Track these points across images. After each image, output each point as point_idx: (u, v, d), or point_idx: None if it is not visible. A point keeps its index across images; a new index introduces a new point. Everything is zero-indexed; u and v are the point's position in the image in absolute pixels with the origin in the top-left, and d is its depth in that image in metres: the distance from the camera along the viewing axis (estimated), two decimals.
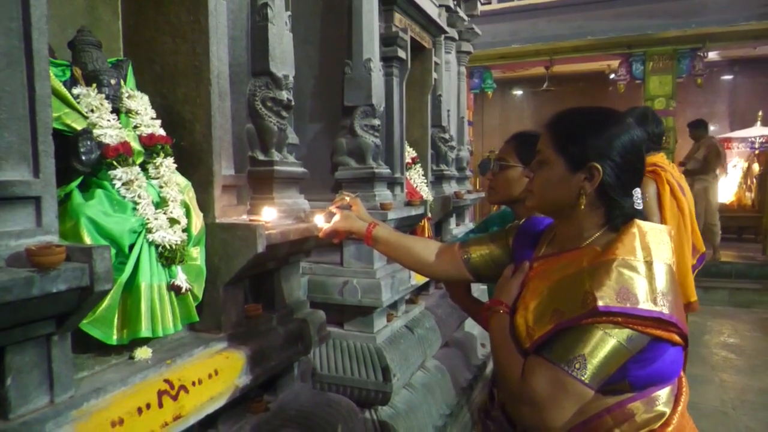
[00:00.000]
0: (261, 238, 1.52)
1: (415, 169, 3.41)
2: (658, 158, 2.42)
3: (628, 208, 1.07)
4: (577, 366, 0.96)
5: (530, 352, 1.04)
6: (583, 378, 0.96)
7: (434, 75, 3.81)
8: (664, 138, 2.52)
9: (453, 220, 4.02)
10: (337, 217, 1.49)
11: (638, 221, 1.05)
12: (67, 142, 1.28)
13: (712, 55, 9.58)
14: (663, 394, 1.03)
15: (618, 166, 1.05)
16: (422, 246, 1.42)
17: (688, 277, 2.38)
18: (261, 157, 1.87)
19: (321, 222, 1.54)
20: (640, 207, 1.09)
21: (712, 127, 11.14)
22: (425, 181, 3.45)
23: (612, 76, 10.27)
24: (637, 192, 1.09)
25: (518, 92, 12.78)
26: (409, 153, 3.43)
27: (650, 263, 0.99)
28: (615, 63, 9.73)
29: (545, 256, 1.16)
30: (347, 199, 1.55)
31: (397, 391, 2.64)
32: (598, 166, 1.05)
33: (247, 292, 1.83)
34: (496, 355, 1.12)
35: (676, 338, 1.00)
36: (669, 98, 8.94)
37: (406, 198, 3.03)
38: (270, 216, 1.66)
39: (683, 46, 8.71)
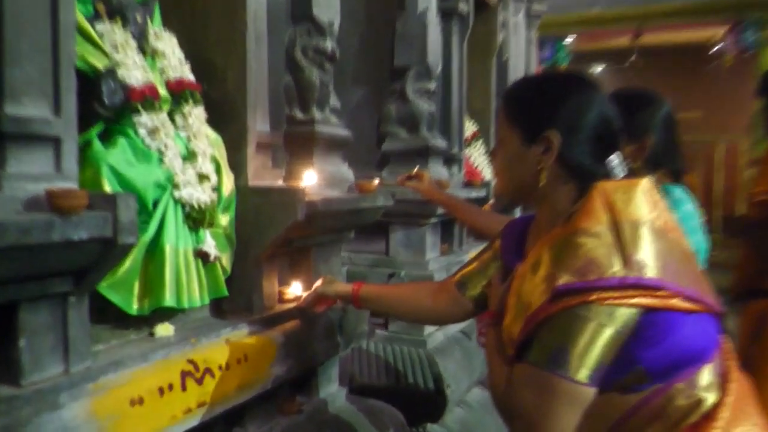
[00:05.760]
0: (301, 203, 1.56)
1: (475, 145, 3.42)
2: None
3: (602, 176, 1.08)
4: (561, 362, 0.97)
5: (514, 359, 1.07)
6: (570, 375, 0.96)
7: (499, 37, 3.81)
8: None
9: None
10: (318, 283, 1.61)
11: (602, 182, 1.06)
12: (88, 83, 1.34)
13: None
14: (700, 377, 0.99)
15: (579, 131, 1.08)
16: (414, 291, 1.54)
17: None
18: (300, 115, 1.91)
19: (299, 290, 1.65)
20: (623, 173, 1.10)
21: None
22: (487, 160, 3.45)
23: (716, 48, 9.98)
24: (613, 159, 1.10)
25: (598, 68, 12.56)
26: (469, 126, 3.43)
27: (617, 224, 0.99)
28: (720, 32, 9.45)
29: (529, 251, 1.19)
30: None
31: (450, 408, 2.64)
32: (554, 134, 1.08)
33: (282, 273, 1.87)
34: (488, 370, 1.20)
35: (678, 304, 0.97)
36: None
37: (465, 178, 3.04)
38: (311, 180, 1.70)
39: None
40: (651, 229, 1.00)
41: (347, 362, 2.53)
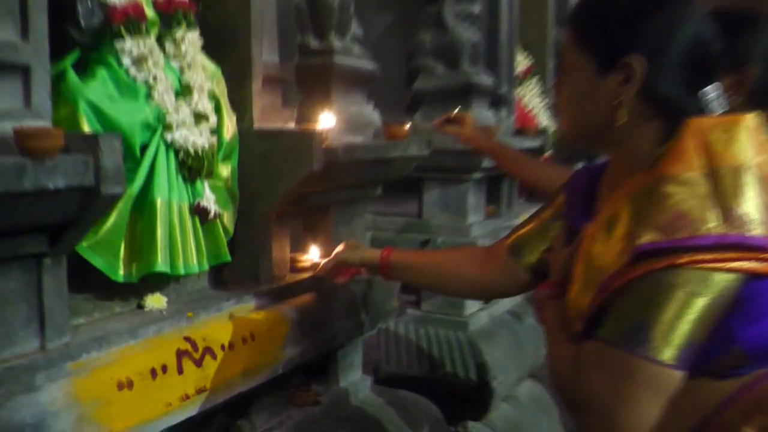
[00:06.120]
0: (317, 151, 1.56)
1: (528, 84, 3.39)
2: None
3: (696, 111, 1.06)
4: (641, 339, 0.96)
5: (583, 336, 1.07)
6: (652, 354, 0.95)
7: None
8: None
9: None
10: (340, 247, 1.63)
11: (695, 119, 1.04)
12: (60, 3, 1.34)
13: None
14: None
15: (668, 55, 1.06)
16: (456, 259, 1.55)
17: None
18: (315, 44, 1.90)
19: (316, 256, 1.67)
20: (721, 109, 1.08)
21: None
22: (544, 103, 3.42)
23: None
24: (710, 90, 1.08)
25: None
26: (522, 60, 3.40)
27: (715, 170, 0.97)
28: None
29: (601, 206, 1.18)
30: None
31: (496, 403, 2.67)
32: (637, 59, 1.05)
33: (295, 236, 1.89)
34: (548, 352, 1.20)
35: None
36: None
37: (516, 125, 3.02)
38: (329, 123, 1.69)
39: None
40: (757, 176, 0.98)
41: (372, 346, 2.55)
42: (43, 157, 1.05)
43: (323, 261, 1.69)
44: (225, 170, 1.58)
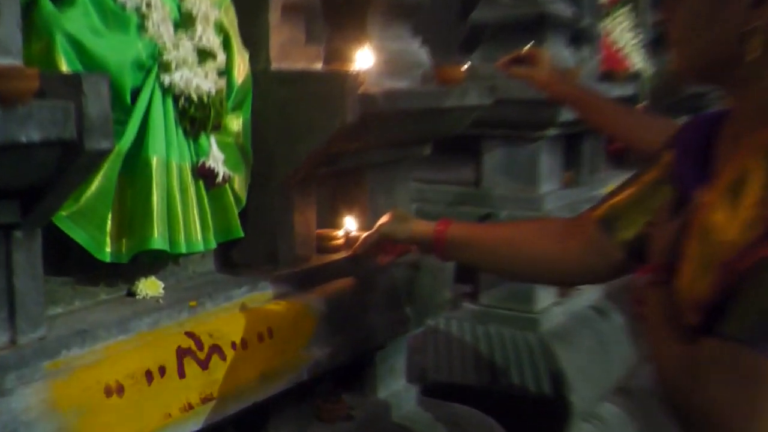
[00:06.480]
0: (351, 98, 1.55)
1: (617, 16, 3.35)
2: None
3: None
4: None
5: (699, 331, 1.06)
6: None
7: None
8: None
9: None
10: (383, 219, 1.63)
11: None
12: None
13: None
14: None
15: None
16: (530, 233, 1.55)
17: None
18: None
19: (352, 227, 1.68)
20: None
21: None
22: (637, 39, 3.39)
23: None
24: None
25: None
26: None
27: None
28: None
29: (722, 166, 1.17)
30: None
31: (575, 423, 2.66)
32: None
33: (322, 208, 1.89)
34: (650, 354, 1.20)
35: None
36: None
37: (602, 67, 2.99)
38: (365, 63, 1.69)
39: None
40: None
41: (419, 348, 2.56)
42: (13, 103, 1.05)
43: (362, 235, 1.70)
44: (236, 123, 1.58)
